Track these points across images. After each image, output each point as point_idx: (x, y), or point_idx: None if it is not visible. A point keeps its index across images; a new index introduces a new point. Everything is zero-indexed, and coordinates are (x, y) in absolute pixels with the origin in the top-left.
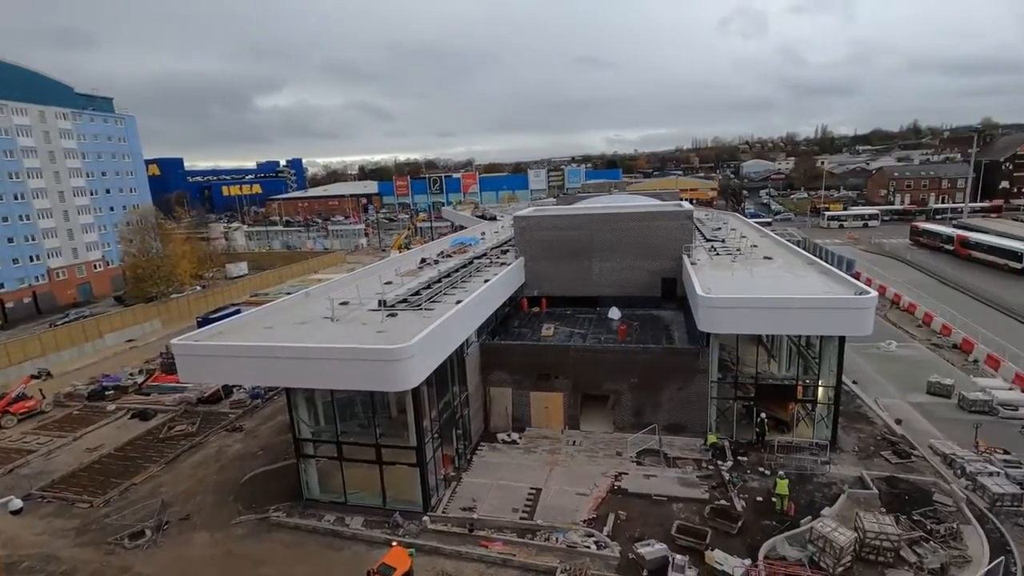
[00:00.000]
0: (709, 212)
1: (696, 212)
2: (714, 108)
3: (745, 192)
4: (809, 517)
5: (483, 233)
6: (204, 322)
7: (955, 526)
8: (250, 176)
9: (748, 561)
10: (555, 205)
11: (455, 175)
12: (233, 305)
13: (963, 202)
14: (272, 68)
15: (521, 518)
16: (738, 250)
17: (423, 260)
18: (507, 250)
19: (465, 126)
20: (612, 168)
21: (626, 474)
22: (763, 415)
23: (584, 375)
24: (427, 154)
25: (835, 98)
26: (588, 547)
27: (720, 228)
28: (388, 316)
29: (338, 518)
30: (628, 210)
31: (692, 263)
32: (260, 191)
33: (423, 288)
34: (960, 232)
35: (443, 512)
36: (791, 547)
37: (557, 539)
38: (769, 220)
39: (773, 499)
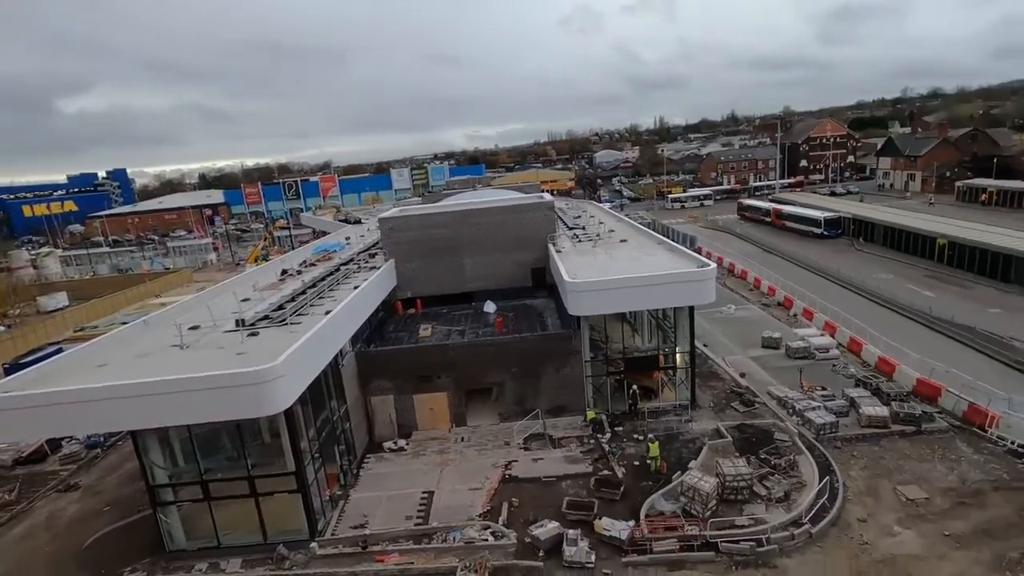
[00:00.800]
0: (569, 201)
1: (557, 202)
2: (566, 103)
3: (599, 181)
4: (679, 472)
5: (348, 238)
6: (13, 368)
7: (792, 458)
8: (60, 192)
9: (632, 522)
10: (421, 204)
11: (312, 178)
12: (53, 344)
13: (775, 180)
14: (75, 65)
15: (416, 524)
16: (597, 235)
17: (284, 271)
18: (375, 253)
19: (318, 127)
20: (475, 164)
21: (516, 461)
22: (634, 386)
23: (466, 371)
24: (278, 158)
25: (670, 91)
26: (486, 540)
27: (580, 216)
28: (249, 336)
29: (211, 564)
30: (493, 205)
31: (557, 251)
32: (76, 208)
33: (286, 302)
34: (775, 206)
35: (332, 534)
36: (667, 502)
37: (454, 538)
38: (621, 204)
39: (648, 461)
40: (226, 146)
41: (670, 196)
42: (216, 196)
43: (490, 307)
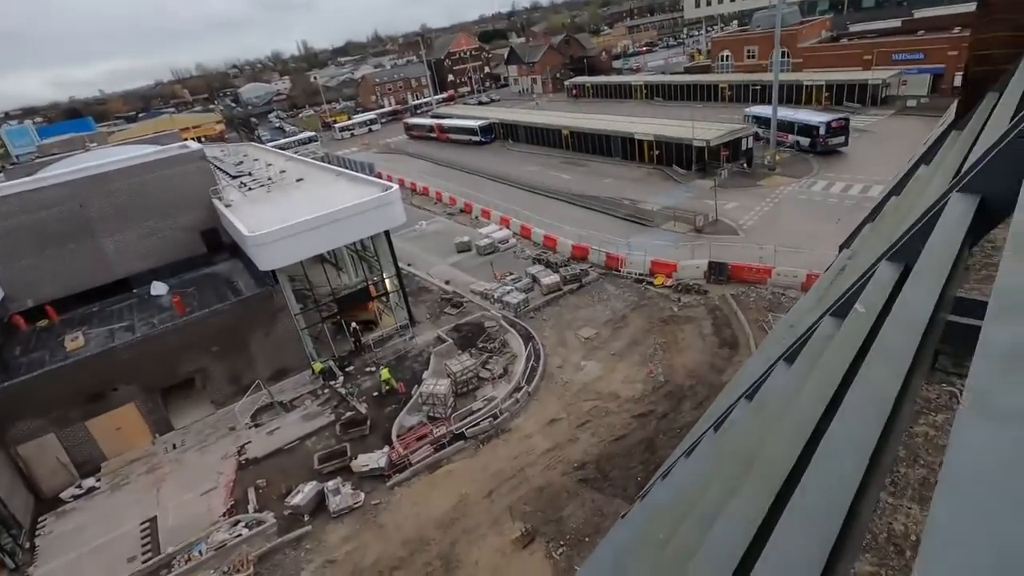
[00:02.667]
0: (224, 147)
1: (209, 150)
2: (182, 32)
3: (254, 119)
4: (416, 385)
5: None
6: None
7: (502, 338)
8: None
9: (386, 448)
10: (5, 182)
11: None
12: None
13: (430, 96)
14: None
15: (144, 562)
16: (269, 179)
17: None
18: None
19: None
20: (77, 118)
21: (249, 443)
22: (353, 324)
23: (152, 370)
24: None
25: (303, 13)
26: (240, 535)
27: (242, 162)
28: None
29: None
30: (124, 165)
31: (227, 205)
32: None
33: None
34: (436, 121)
35: None
36: (412, 416)
37: (200, 552)
38: (288, 141)
39: (384, 388)
40: None
41: (337, 126)
42: None
43: (159, 288)
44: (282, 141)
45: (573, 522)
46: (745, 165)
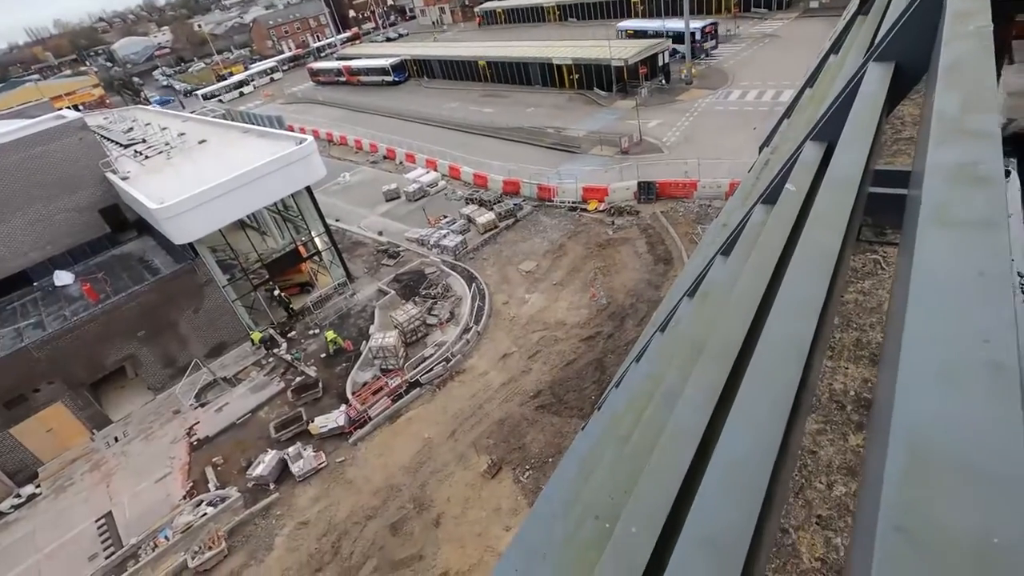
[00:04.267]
0: (108, 114)
1: (92, 119)
2: None
3: (137, 79)
4: (364, 341)
5: None
6: None
7: (444, 283)
8: None
9: (342, 407)
10: None
11: None
12: None
13: (333, 37)
14: None
15: (108, 557)
16: (167, 144)
17: None
18: None
19: None
20: None
21: (197, 423)
22: (277, 291)
23: (74, 365)
24: None
25: None
26: (206, 513)
27: (132, 128)
28: None
29: None
30: None
31: (123, 179)
32: None
33: None
34: (344, 64)
35: None
36: (364, 372)
37: (166, 538)
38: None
39: (332, 348)
40: None
41: (232, 78)
42: None
43: (64, 278)
44: (221, 84)
45: (535, 447)
46: (664, 81)
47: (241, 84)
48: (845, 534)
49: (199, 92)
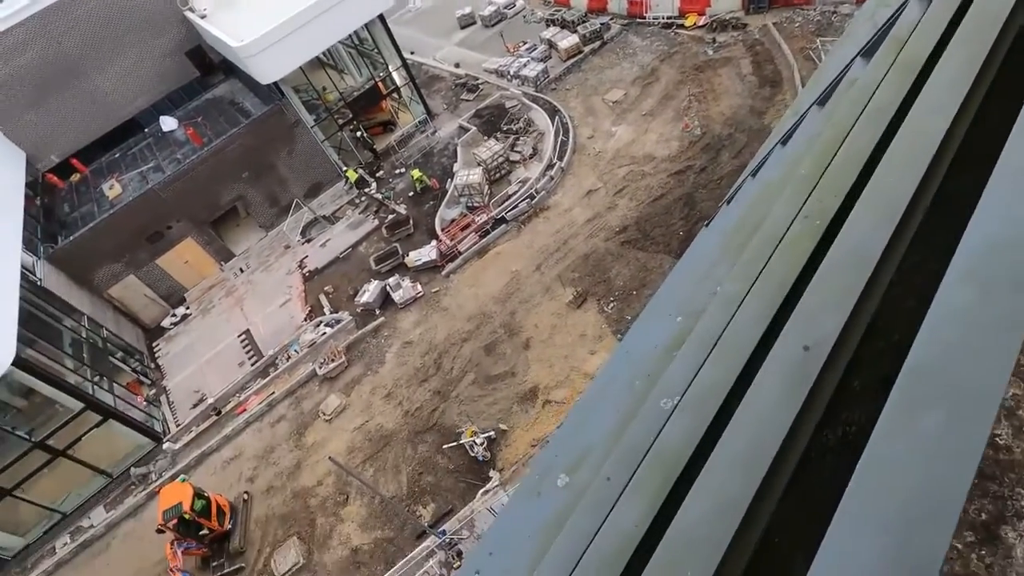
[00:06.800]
0: None
1: None
2: None
3: None
4: (449, 179)
5: None
6: None
7: (526, 116)
8: None
9: (433, 242)
10: None
11: None
12: None
13: None
14: None
15: (253, 364)
16: None
17: None
18: None
19: None
20: None
21: (306, 257)
22: (360, 131)
23: (194, 205)
24: None
25: None
26: (324, 333)
27: None
28: None
29: (75, 529)
30: None
31: (202, 17)
32: None
33: None
34: None
35: (178, 425)
36: (451, 209)
37: (296, 351)
38: None
39: (417, 187)
40: None
41: None
42: None
43: (169, 123)
44: None
45: (620, 280)
46: None
47: None
48: None
49: None
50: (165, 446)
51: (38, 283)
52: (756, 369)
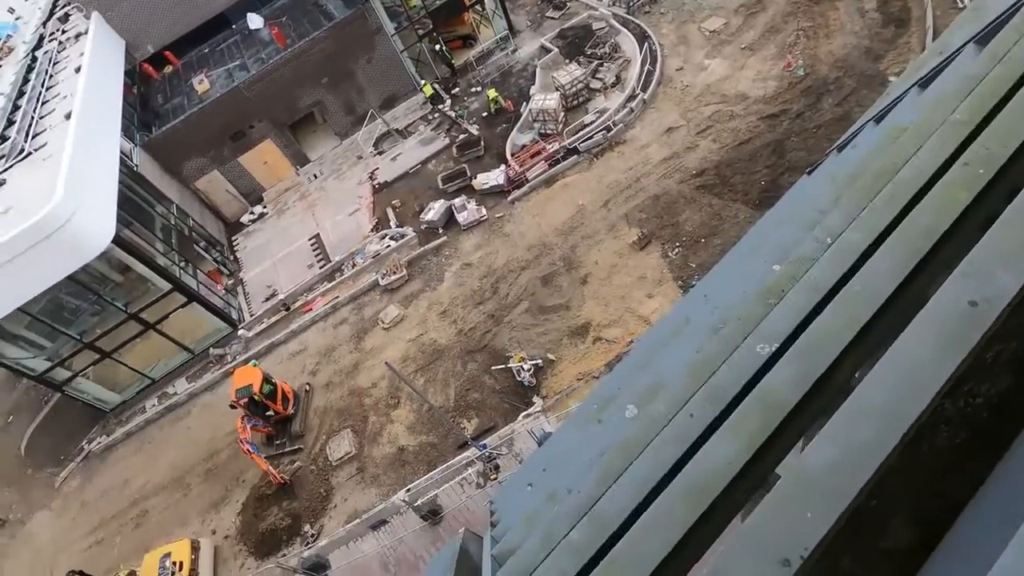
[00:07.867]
0: None
1: None
2: None
3: None
4: (524, 103)
5: (13, 10)
6: None
7: (613, 41)
8: None
9: (502, 166)
10: None
11: None
12: None
13: None
14: None
15: (321, 267)
16: None
17: None
18: (70, 13)
19: None
20: None
21: (377, 169)
22: (439, 44)
23: (274, 106)
24: None
25: None
26: (389, 246)
27: None
28: None
29: (162, 394)
30: None
31: None
32: None
33: None
34: None
35: (252, 316)
36: (523, 134)
37: (360, 260)
38: None
39: (492, 108)
40: None
41: None
42: None
43: (255, 21)
44: None
45: (689, 225)
46: None
47: None
48: None
49: None
50: (240, 332)
51: (134, 168)
52: (881, 322)
